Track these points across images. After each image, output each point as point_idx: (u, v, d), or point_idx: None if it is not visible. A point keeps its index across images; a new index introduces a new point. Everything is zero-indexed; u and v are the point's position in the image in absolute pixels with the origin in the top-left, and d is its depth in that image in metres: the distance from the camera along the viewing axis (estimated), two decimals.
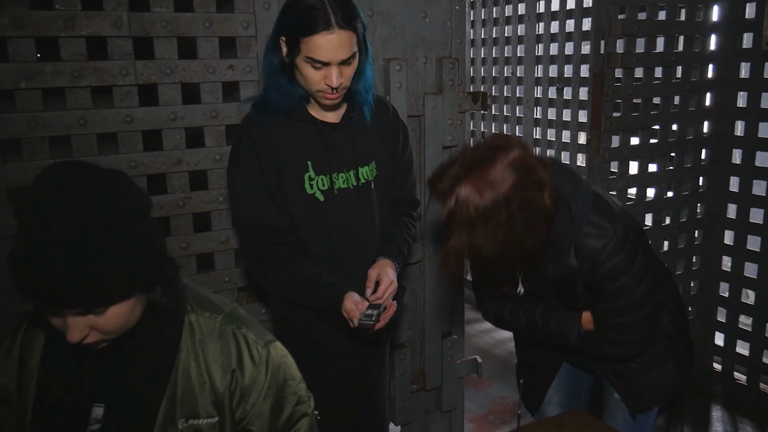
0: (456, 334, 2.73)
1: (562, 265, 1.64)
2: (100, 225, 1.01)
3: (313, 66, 1.67)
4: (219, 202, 2.14)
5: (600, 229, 1.60)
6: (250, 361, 1.25)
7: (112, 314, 1.07)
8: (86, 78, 1.87)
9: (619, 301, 1.64)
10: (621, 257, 1.60)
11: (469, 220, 1.44)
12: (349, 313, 1.74)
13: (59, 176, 1.03)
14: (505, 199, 1.43)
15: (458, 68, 2.48)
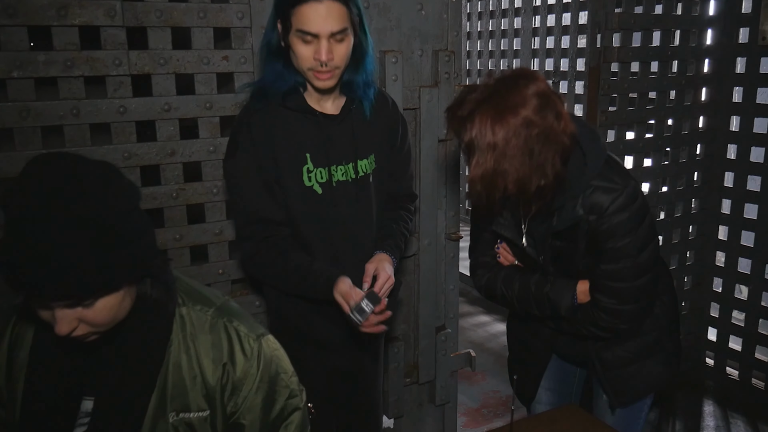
0: (450, 328, 2.73)
1: (568, 214, 1.62)
2: (87, 217, 1.00)
3: (304, 40, 1.66)
4: (213, 193, 2.13)
5: (611, 183, 1.60)
6: (242, 355, 1.24)
7: (101, 307, 1.06)
8: (79, 68, 1.85)
9: (618, 262, 1.62)
10: (627, 216, 1.59)
11: (490, 144, 1.45)
12: (344, 295, 1.71)
13: (46, 167, 1.02)
14: (526, 123, 1.44)
15: (454, 61, 2.47)
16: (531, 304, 1.79)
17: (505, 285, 1.83)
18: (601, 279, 1.66)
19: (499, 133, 1.44)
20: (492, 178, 1.48)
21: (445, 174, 2.57)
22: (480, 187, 1.50)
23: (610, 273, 1.64)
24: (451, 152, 2.56)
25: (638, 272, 1.63)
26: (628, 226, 1.59)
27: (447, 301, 2.71)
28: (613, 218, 1.59)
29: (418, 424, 2.78)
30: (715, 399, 3.50)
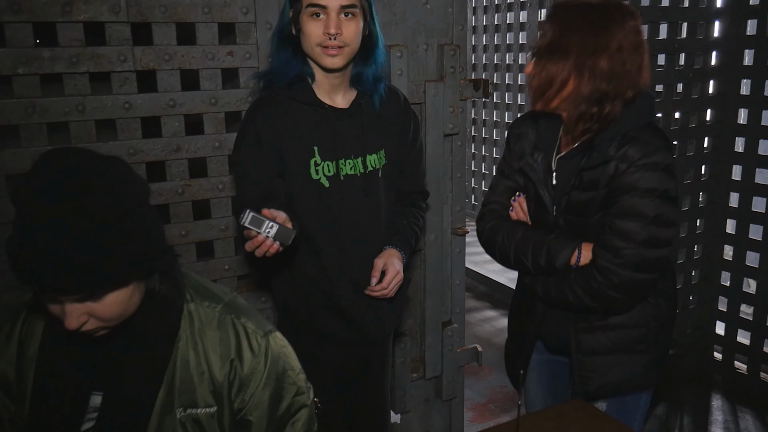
0: (456, 323, 2.72)
1: (600, 153, 1.61)
2: (97, 213, 1.00)
3: (313, 14, 1.69)
4: (218, 189, 2.13)
5: (650, 138, 1.59)
6: (249, 351, 1.24)
7: (110, 301, 1.07)
8: (84, 64, 1.86)
9: (630, 219, 1.58)
10: (654, 176, 1.57)
11: (593, 20, 1.55)
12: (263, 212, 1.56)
13: (57, 163, 1.02)
14: (623, 29, 1.54)
15: (459, 55, 2.46)
16: (527, 252, 1.73)
17: (507, 232, 1.79)
18: (607, 234, 1.61)
19: (595, 43, 1.54)
20: (561, 77, 1.57)
21: (450, 169, 2.56)
22: (544, 76, 1.59)
23: (619, 230, 1.59)
24: (457, 147, 2.56)
25: (647, 239, 1.58)
26: (651, 186, 1.56)
27: (453, 296, 2.70)
28: (640, 172, 1.56)
29: (425, 420, 2.78)
30: (723, 393, 3.48)
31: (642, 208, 1.57)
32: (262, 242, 1.53)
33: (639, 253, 1.58)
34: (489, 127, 6.13)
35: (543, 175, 1.75)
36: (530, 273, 1.78)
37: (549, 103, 1.64)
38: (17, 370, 1.20)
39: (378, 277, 1.85)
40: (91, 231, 0.99)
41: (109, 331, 1.13)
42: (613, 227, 1.60)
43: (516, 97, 5.74)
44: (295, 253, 1.82)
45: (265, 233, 1.50)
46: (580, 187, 1.66)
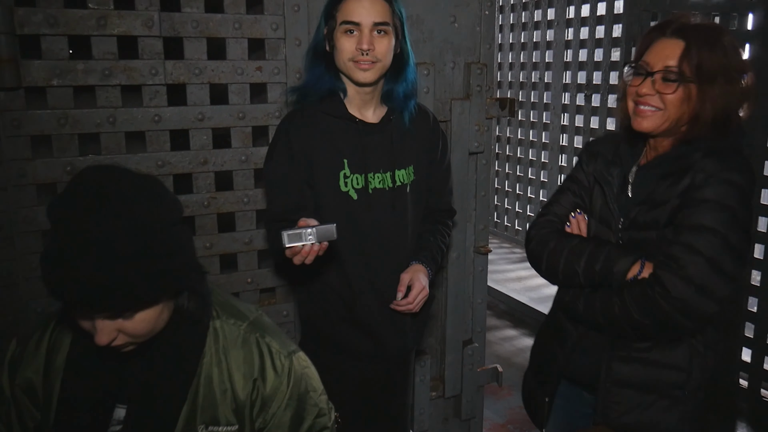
0: (477, 342, 2.71)
1: (681, 158, 1.56)
2: (130, 233, 1.01)
3: (348, 30, 1.73)
4: (243, 203, 2.14)
5: (733, 157, 1.53)
6: (273, 371, 1.24)
7: (140, 319, 1.08)
8: (116, 77, 1.89)
9: (700, 234, 1.48)
10: (732, 192, 1.49)
11: (713, 38, 1.52)
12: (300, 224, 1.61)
13: (93, 181, 1.04)
14: (739, 60, 1.54)
15: (486, 74, 2.46)
16: (582, 257, 1.63)
17: (562, 238, 1.72)
18: (673, 245, 1.51)
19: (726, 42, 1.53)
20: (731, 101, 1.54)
21: (474, 187, 2.56)
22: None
23: (686, 242, 1.49)
24: (481, 165, 2.55)
25: (714, 257, 1.47)
26: (726, 203, 1.48)
27: (474, 314, 2.69)
28: (717, 186, 1.48)
29: None
30: (748, 422, 3.40)
31: (713, 222, 1.47)
32: (309, 251, 1.58)
33: (704, 271, 1.47)
34: (513, 144, 6.12)
35: (617, 188, 1.70)
36: (575, 285, 1.68)
37: (681, 127, 1.58)
38: (44, 379, 1.22)
39: (404, 291, 1.86)
40: (123, 251, 1.00)
41: (137, 347, 1.14)
42: (680, 239, 1.50)
43: (541, 115, 5.72)
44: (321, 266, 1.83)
45: (308, 242, 1.55)
46: (653, 199, 1.59)
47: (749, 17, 3.29)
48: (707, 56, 1.50)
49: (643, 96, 1.56)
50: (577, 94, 5.30)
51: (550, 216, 1.81)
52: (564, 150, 5.51)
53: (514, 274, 5.18)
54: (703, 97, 1.52)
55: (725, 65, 1.51)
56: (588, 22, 5.14)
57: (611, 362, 1.67)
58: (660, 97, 1.55)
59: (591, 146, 1.84)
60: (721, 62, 1.51)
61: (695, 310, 1.49)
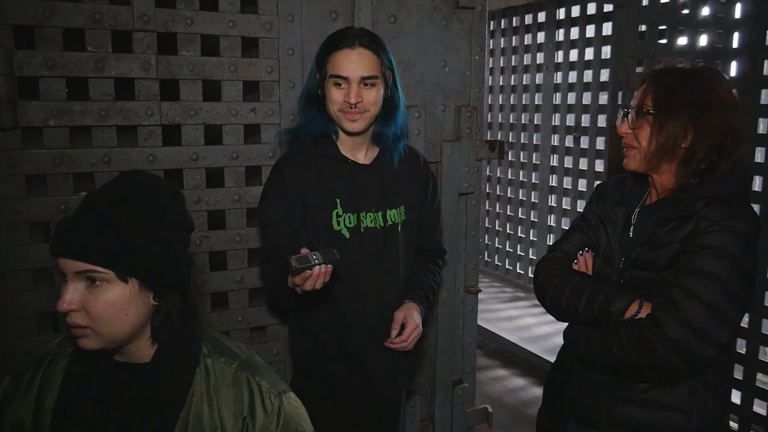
0: (467, 382, 2.70)
1: (685, 206, 1.57)
2: (134, 207, 1.15)
3: (336, 83, 1.78)
4: (236, 241, 2.16)
5: (737, 205, 1.54)
6: (262, 410, 1.25)
7: (105, 298, 1.13)
8: (113, 117, 1.92)
9: (699, 278, 1.48)
10: (734, 240, 1.49)
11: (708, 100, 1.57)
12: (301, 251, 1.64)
13: (128, 174, 1.22)
14: (723, 87, 1.58)
15: (476, 117, 2.51)
16: (583, 294, 1.64)
17: (566, 275, 1.74)
18: (672, 288, 1.51)
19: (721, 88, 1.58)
20: (679, 134, 1.57)
21: (465, 227, 2.59)
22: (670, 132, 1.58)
23: (686, 286, 1.49)
24: (471, 206, 2.59)
25: (713, 302, 1.47)
26: (729, 250, 1.48)
27: (464, 354, 2.69)
28: (720, 233, 1.50)
29: None
30: None
31: (715, 269, 1.48)
32: (318, 272, 1.62)
33: (701, 315, 1.47)
34: (504, 184, 6.18)
35: (620, 228, 1.74)
36: (577, 321, 1.70)
37: (660, 162, 1.63)
38: (34, 417, 1.22)
39: (398, 329, 1.89)
40: (118, 215, 1.13)
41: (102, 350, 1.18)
42: (680, 282, 1.50)
43: (531, 156, 5.80)
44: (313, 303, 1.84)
45: (317, 264, 1.60)
46: (654, 241, 1.61)
47: (732, 65, 3.38)
48: (665, 89, 1.59)
49: (623, 136, 1.69)
50: (566, 136, 5.39)
51: (558, 252, 1.86)
52: (554, 190, 5.57)
53: (505, 314, 5.18)
54: (661, 128, 1.58)
55: (688, 96, 1.57)
56: (576, 67, 5.26)
57: (610, 403, 1.69)
58: (634, 135, 1.65)
59: (601, 187, 1.89)
60: (682, 94, 1.57)
61: (691, 353, 1.49)
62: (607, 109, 4.72)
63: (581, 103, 5.20)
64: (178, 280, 1.22)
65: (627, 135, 1.67)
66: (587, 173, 5.17)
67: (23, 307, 1.89)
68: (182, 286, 1.23)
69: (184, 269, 1.23)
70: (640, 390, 1.64)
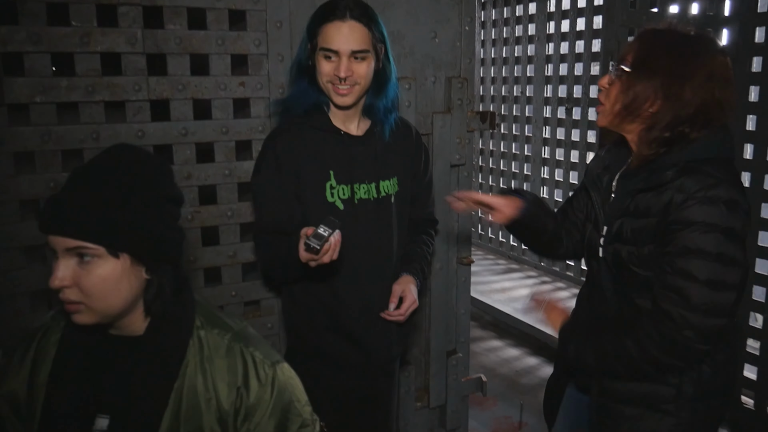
0: (461, 352, 2.73)
1: (656, 176, 1.54)
2: (122, 183, 1.14)
3: (326, 56, 1.76)
4: (227, 216, 2.16)
5: (713, 171, 1.49)
6: (256, 380, 1.26)
7: (96, 273, 1.13)
8: (100, 93, 1.90)
9: (690, 258, 1.46)
10: (715, 210, 1.45)
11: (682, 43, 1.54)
12: (307, 232, 1.64)
13: (114, 149, 1.20)
14: (714, 61, 1.53)
15: (467, 88, 2.50)
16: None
17: None
18: (668, 275, 1.50)
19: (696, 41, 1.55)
20: (646, 97, 1.54)
21: None
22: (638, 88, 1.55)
23: (680, 269, 1.48)
24: (463, 177, 2.59)
25: (712, 278, 1.46)
26: (711, 221, 1.45)
27: (458, 325, 2.71)
28: (698, 206, 1.46)
29: None
30: (729, 428, 3.44)
31: (702, 244, 1.46)
32: (335, 241, 1.62)
33: (705, 294, 1.46)
34: (496, 157, 6.17)
35: (603, 195, 1.73)
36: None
37: (623, 122, 1.60)
38: (28, 390, 1.23)
39: (396, 302, 1.91)
40: (103, 192, 1.12)
41: (96, 325, 1.18)
42: (674, 266, 1.49)
43: (523, 128, 5.78)
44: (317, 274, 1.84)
45: (330, 235, 1.60)
46: (633, 213, 1.60)
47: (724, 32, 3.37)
48: (648, 48, 1.55)
49: (601, 90, 1.65)
50: (558, 108, 5.38)
51: (563, 205, 1.99)
52: (546, 162, 5.57)
53: (499, 285, 5.21)
54: (629, 86, 1.55)
55: (670, 62, 1.52)
56: (568, 37, 5.22)
57: (600, 376, 1.69)
58: (607, 91, 1.61)
59: (599, 150, 1.88)
60: (665, 58, 1.53)
61: (707, 332, 1.48)
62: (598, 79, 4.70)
63: (573, 74, 5.17)
64: (169, 253, 1.22)
65: (603, 89, 1.63)
66: (579, 144, 5.17)
67: (16, 285, 1.89)
68: (174, 260, 1.24)
69: (175, 242, 1.23)
70: None
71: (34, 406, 1.21)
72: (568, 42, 5.23)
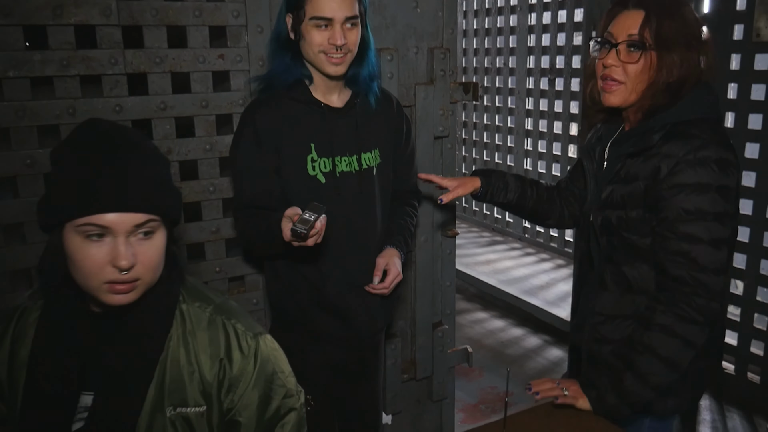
0: (447, 324, 2.74)
1: (641, 137, 1.55)
2: (150, 153, 1.16)
3: (318, 26, 1.73)
4: (209, 192, 2.13)
5: (698, 133, 1.49)
6: (239, 352, 1.26)
7: (156, 246, 1.15)
8: (75, 67, 1.86)
9: (690, 222, 1.48)
10: (706, 171, 1.46)
11: None
12: (292, 218, 1.63)
13: (100, 124, 1.16)
14: (698, 28, 1.54)
15: (449, 58, 2.48)
16: None
17: None
18: (672, 240, 1.50)
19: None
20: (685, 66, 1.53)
21: (441, 171, 2.58)
22: None
23: (684, 233, 1.49)
24: (447, 149, 2.57)
25: (715, 235, 1.47)
26: (704, 181, 1.46)
27: (444, 297, 2.72)
28: (689, 169, 1.47)
29: (416, 421, 2.80)
30: (711, 393, 3.51)
31: (700, 205, 1.47)
32: (321, 226, 1.61)
33: (710, 253, 1.48)
34: (480, 130, 6.16)
35: (596, 165, 1.74)
36: None
37: (644, 97, 1.58)
38: (9, 371, 1.21)
39: (380, 276, 1.91)
40: (149, 163, 1.14)
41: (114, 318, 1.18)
42: (676, 231, 1.50)
43: (506, 100, 5.77)
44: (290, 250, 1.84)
45: (316, 220, 1.59)
46: (625, 178, 1.60)
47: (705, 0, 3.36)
48: (667, 23, 1.53)
49: (609, 67, 1.58)
50: (541, 79, 5.36)
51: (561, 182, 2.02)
52: (529, 134, 5.57)
53: (483, 258, 5.24)
54: (661, 65, 1.53)
55: (685, 33, 1.53)
56: (550, 7, 5.19)
57: (588, 345, 1.73)
58: (623, 69, 1.57)
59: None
60: (681, 30, 1.53)
61: (718, 289, 1.51)
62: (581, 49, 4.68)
63: (555, 44, 5.15)
64: (178, 219, 1.24)
65: (614, 68, 1.58)
66: (562, 115, 5.17)
67: None
68: (177, 224, 1.26)
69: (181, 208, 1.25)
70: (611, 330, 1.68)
71: (16, 385, 1.19)
72: (550, 12, 5.19)
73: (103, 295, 1.11)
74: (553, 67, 5.20)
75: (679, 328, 1.51)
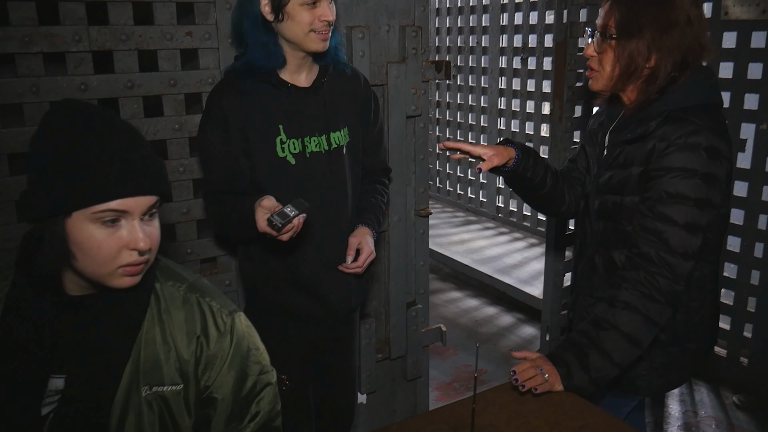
0: (420, 303, 2.75)
1: (639, 123, 1.58)
2: (135, 131, 1.13)
3: (306, 4, 1.71)
4: (179, 172, 2.10)
5: (694, 119, 1.52)
6: (215, 329, 1.25)
7: (157, 226, 1.16)
8: (37, 44, 1.81)
9: (670, 203, 1.50)
10: (695, 156, 1.49)
11: None
12: (268, 208, 1.65)
13: (78, 106, 1.11)
14: (686, 1, 1.54)
15: (421, 37, 2.46)
16: None
17: None
18: (648, 218, 1.54)
19: None
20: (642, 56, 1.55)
21: (414, 150, 2.57)
22: None
23: (661, 213, 1.52)
24: (419, 128, 2.56)
25: (691, 222, 1.50)
26: (691, 166, 1.49)
27: (417, 277, 2.73)
28: (679, 152, 1.50)
29: (391, 400, 2.81)
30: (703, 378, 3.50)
31: (683, 189, 1.50)
32: (298, 224, 1.63)
33: (682, 237, 1.51)
34: (453, 109, 6.15)
35: (598, 151, 1.76)
36: None
37: (626, 83, 1.62)
38: None
39: (353, 255, 1.91)
40: (144, 143, 1.13)
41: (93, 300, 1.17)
42: (654, 210, 1.53)
43: (479, 79, 5.76)
44: None
45: (295, 216, 1.60)
46: (623, 164, 1.63)
47: None
48: (631, 12, 1.54)
49: (588, 58, 1.65)
50: (514, 58, 5.36)
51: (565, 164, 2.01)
52: (502, 113, 5.58)
53: (457, 237, 5.26)
54: (624, 53, 1.56)
55: (655, 18, 1.53)
56: None
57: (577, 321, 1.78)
58: (598, 58, 1.62)
59: (599, 108, 1.89)
60: (648, 16, 1.53)
61: (683, 273, 1.54)
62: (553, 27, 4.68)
63: (528, 22, 5.15)
64: None
65: (592, 58, 1.64)
66: (535, 94, 5.18)
67: None
68: None
69: None
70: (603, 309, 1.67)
71: None
72: None
73: (115, 279, 1.11)
74: (526, 45, 5.20)
75: (641, 305, 1.54)
